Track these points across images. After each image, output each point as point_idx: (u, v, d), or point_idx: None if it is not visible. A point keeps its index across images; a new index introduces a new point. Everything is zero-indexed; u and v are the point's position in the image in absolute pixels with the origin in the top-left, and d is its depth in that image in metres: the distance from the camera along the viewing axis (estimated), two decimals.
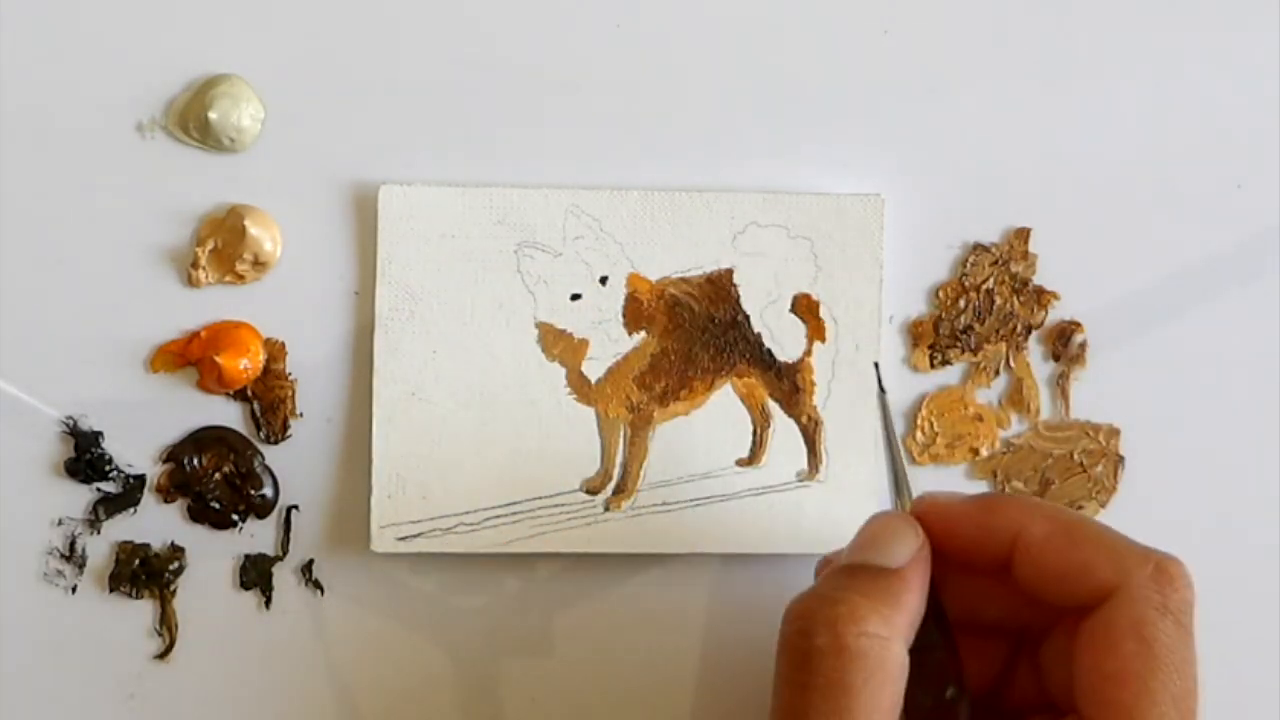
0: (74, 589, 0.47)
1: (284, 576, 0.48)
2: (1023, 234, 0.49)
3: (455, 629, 0.48)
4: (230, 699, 0.48)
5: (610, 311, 0.48)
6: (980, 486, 0.50)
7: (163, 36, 0.47)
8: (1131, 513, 0.50)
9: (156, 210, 0.47)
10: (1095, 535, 0.41)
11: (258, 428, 0.47)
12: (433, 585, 0.48)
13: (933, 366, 0.49)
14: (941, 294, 0.49)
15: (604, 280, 0.48)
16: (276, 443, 0.47)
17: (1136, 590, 0.40)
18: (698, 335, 0.48)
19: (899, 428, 0.49)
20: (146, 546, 0.47)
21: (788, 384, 0.48)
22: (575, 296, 0.48)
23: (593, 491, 0.48)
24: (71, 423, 0.47)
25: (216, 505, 0.47)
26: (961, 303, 0.49)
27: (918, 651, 0.40)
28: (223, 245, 0.47)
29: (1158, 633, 0.39)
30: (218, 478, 0.47)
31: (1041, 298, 0.49)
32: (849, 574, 0.41)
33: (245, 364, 0.47)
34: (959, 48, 0.49)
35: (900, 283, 0.49)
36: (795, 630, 0.39)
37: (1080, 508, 0.50)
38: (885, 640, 0.39)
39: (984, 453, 0.49)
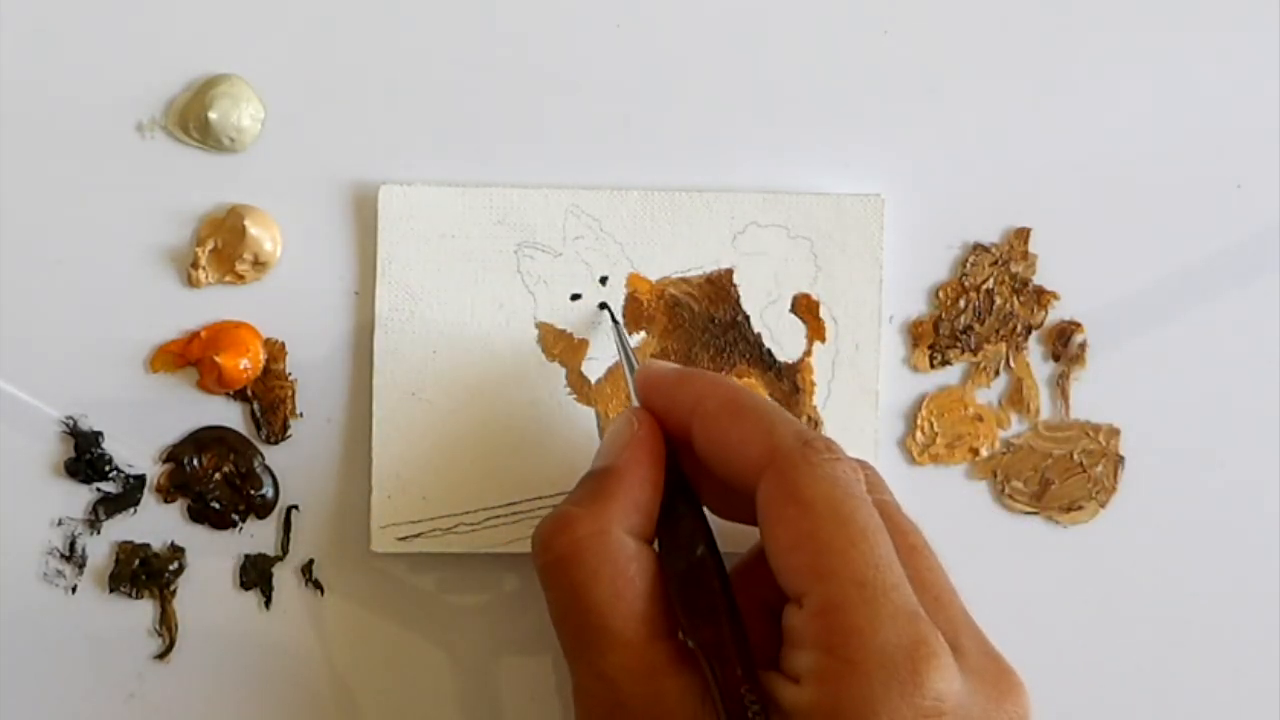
0: (74, 589, 0.47)
1: (284, 576, 0.48)
2: (1023, 234, 0.49)
3: (455, 629, 0.48)
4: (230, 699, 0.48)
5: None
6: (980, 486, 0.50)
7: (163, 36, 0.47)
8: (1131, 513, 0.50)
9: (156, 210, 0.47)
10: (755, 412, 0.41)
11: (258, 428, 0.47)
12: (433, 585, 0.48)
13: (933, 366, 0.49)
14: (941, 294, 0.49)
15: (604, 280, 0.48)
16: (276, 443, 0.47)
17: (785, 459, 0.40)
18: (698, 335, 0.48)
19: (899, 428, 0.49)
20: (146, 546, 0.47)
21: (788, 384, 0.48)
22: (575, 296, 0.48)
23: None
24: (71, 423, 0.47)
25: (216, 505, 0.47)
26: (961, 303, 0.49)
27: (664, 526, 0.42)
28: (223, 245, 0.47)
29: (815, 494, 0.39)
30: (218, 478, 0.47)
31: (1041, 298, 0.49)
32: (576, 487, 0.43)
33: (245, 364, 0.47)
34: (959, 48, 0.49)
35: (900, 283, 0.49)
36: (533, 555, 0.41)
37: (1080, 508, 0.50)
38: (600, 534, 0.40)
39: (984, 453, 0.49)
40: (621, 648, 0.40)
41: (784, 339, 0.48)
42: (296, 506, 0.48)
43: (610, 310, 0.47)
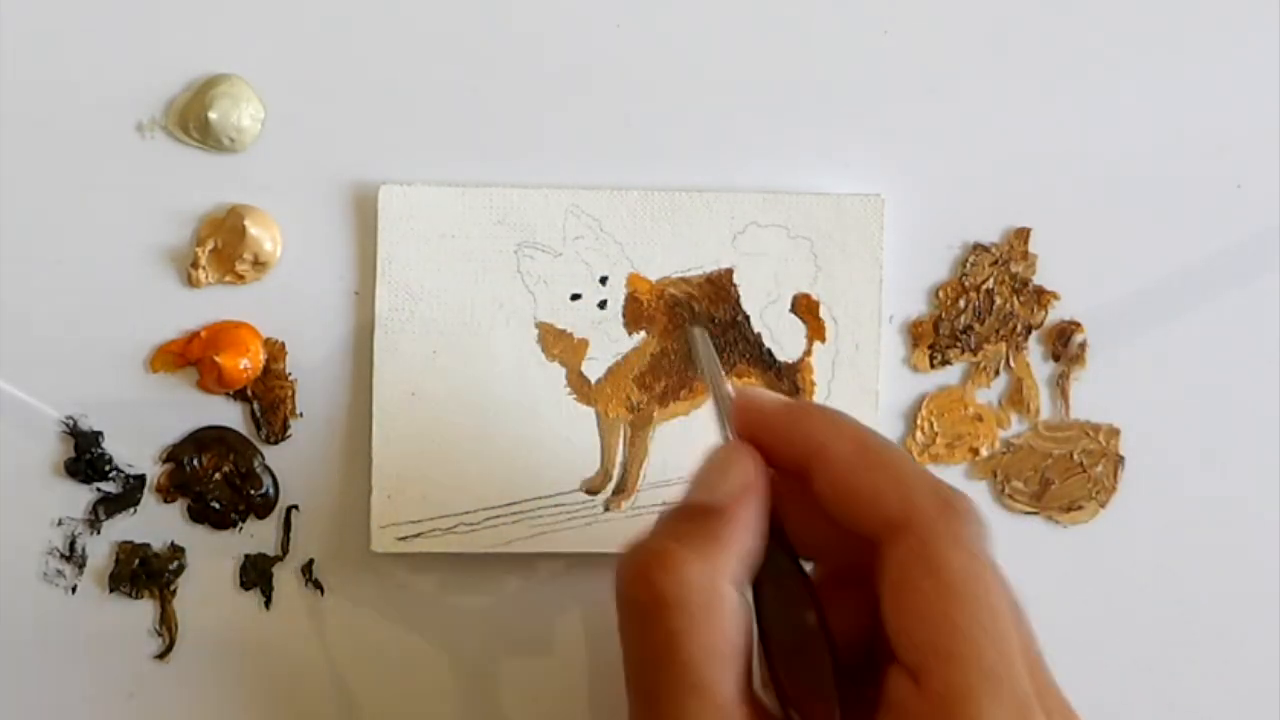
0: (74, 589, 0.47)
1: (284, 576, 0.48)
2: (1023, 234, 0.49)
3: (455, 629, 0.48)
4: (230, 699, 0.48)
5: (610, 311, 0.48)
6: (980, 486, 0.50)
7: (163, 36, 0.47)
8: (1131, 513, 0.50)
9: (156, 210, 0.47)
10: (888, 462, 0.39)
11: (258, 428, 0.47)
12: (433, 585, 0.48)
13: (933, 366, 0.49)
14: (941, 294, 0.49)
15: (604, 280, 0.48)
16: (276, 443, 0.48)
17: (923, 523, 0.37)
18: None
19: (899, 429, 0.49)
20: (147, 546, 0.47)
21: (788, 384, 0.48)
22: (575, 296, 0.48)
23: (593, 491, 0.48)
24: (71, 423, 0.47)
25: (217, 505, 0.47)
26: (961, 303, 0.49)
27: (768, 583, 0.39)
28: (223, 245, 0.47)
29: (956, 569, 0.37)
30: (218, 478, 0.47)
31: (1041, 298, 0.49)
32: (673, 518, 0.40)
33: (245, 364, 0.47)
34: (959, 48, 0.49)
35: (900, 283, 0.49)
36: (620, 584, 0.39)
37: (1080, 508, 0.50)
38: (709, 582, 0.38)
39: (984, 453, 0.49)
40: (705, 707, 0.37)
41: (784, 339, 0.48)
42: (296, 506, 0.48)
43: (701, 329, 0.45)
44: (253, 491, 0.47)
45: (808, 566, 0.40)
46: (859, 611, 0.39)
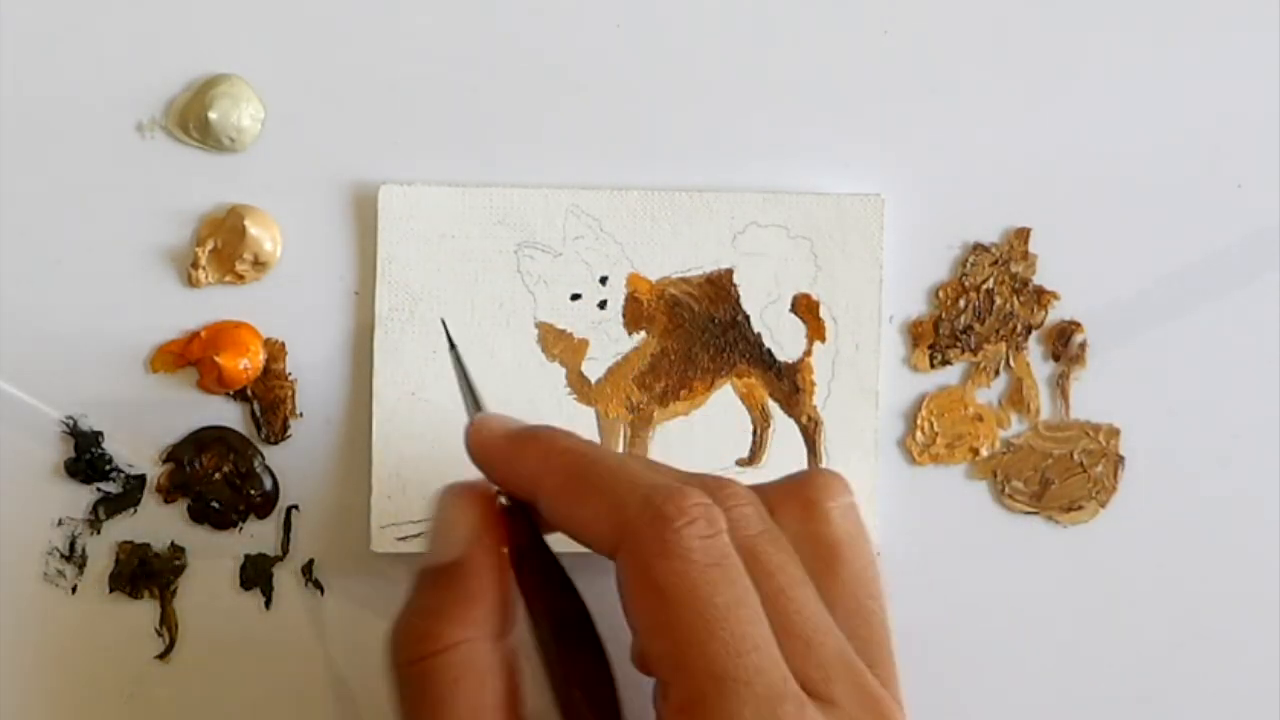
0: (74, 589, 0.47)
1: (284, 576, 0.48)
2: (1023, 234, 0.49)
3: None
4: (230, 699, 0.48)
5: (610, 311, 0.48)
6: (980, 486, 0.50)
7: (163, 36, 0.47)
8: (1131, 513, 0.50)
9: (156, 210, 0.47)
10: (597, 487, 0.38)
11: (258, 428, 0.47)
12: None
13: (933, 366, 0.49)
14: (941, 294, 0.49)
15: (604, 280, 0.48)
16: (276, 443, 0.47)
17: (632, 539, 0.37)
18: (698, 335, 0.48)
19: (899, 429, 0.49)
20: (147, 546, 0.47)
21: (788, 384, 0.48)
22: (575, 296, 0.48)
23: None
24: (71, 423, 0.47)
25: (217, 505, 0.47)
26: (961, 303, 0.49)
27: (530, 598, 0.39)
28: (223, 245, 0.47)
29: (669, 578, 0.36)
30: (218, 478, 0.47)
31: (1041, 298, 0.49)
32: (421, 581, 0.40)
33: (245, 364, 0.47)
34: (959, 48, 0.49)
35: (900, 283, 0.49)
36: (388, 653, 0.39)
37: (1080, 508, 0.50)
38: (462, 644, 0.38)
39: (984, 453, 0.49)
40: None
41: (784, 339, 0.48)
42: (296, 506, 0.48)
43: (450, 338, 0.44)
44: (253, 491, 0.47)
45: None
46: None
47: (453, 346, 0.44)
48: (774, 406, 0.48)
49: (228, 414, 0.47)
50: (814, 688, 0.37)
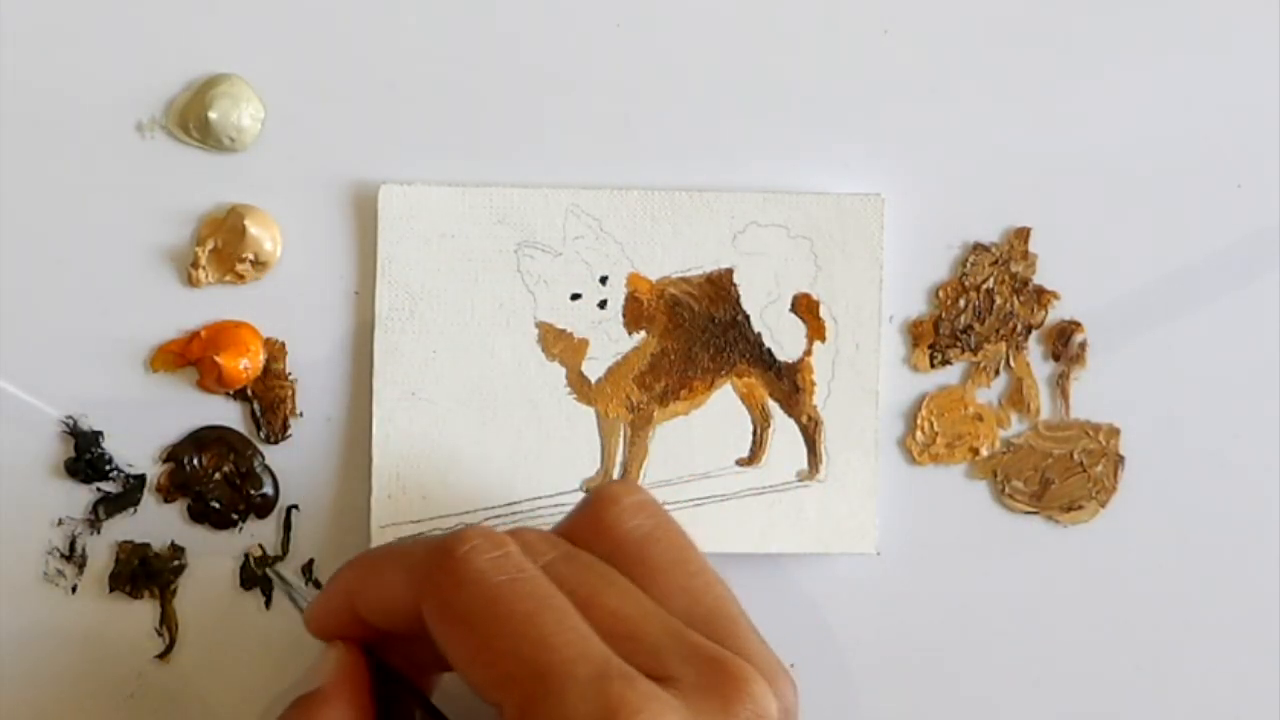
0: (74, 589, 0.47)
1: (284, 576, 0.48)
2: (1023, 234, 0.49)
3: None
4: (230, 699, 0.48)
5: (610, 311, 0.48)
6: (980, 486, 0.50)
7: (163, 36, 0.47)
8: (1131, 513, 0.50)
9: (156, 210, 0.47)
10: (388, 561, 0.40)
11: (258, 427, 0.47)
12: None
13: (933, 366, 0.49)
14: (941, 294, 0.49)
15: (604, 280, 0.48)
16: (276, 442, 0.47)
17: (427, 581, 0.39)
18: (698, 335, 0.48)
19: (899, 428, 0.49)
20: (147, 546, 0.47)
21: (788, 384, 0.48)
22: (575, 296, 0.48)
23: None
24: (71, 423, 0.47)
25: (217, 505, 0.47)
26: (961, 302, 0.49)
27: None
28: (223, 245, 0.47)
29: (466, 605, 0.37)
30: (218, 477, 0.47)
31: (1041, 298, 0.49)
32: (285, 713, 0.41)
33: (245, 364, 0.47)
34: (959, 48, 0.49)
35: (900, 283, 0.49)
36: None
37: (1080, 508, 0.50)
38: None
39: (984, 453, 0.49)
40: None
41: (784, 339, 0.48)
42: (296, 506, 0.48)
43: (279, 578, 0.47)
44: (253, 491, 0.47)
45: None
46: None
47: (281, 579, 0.47)
48: (774, 406, 0.48)
49: (228, 414, 0.47)
50: (651, 672, 0.37)
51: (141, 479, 0.47)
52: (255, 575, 0.48)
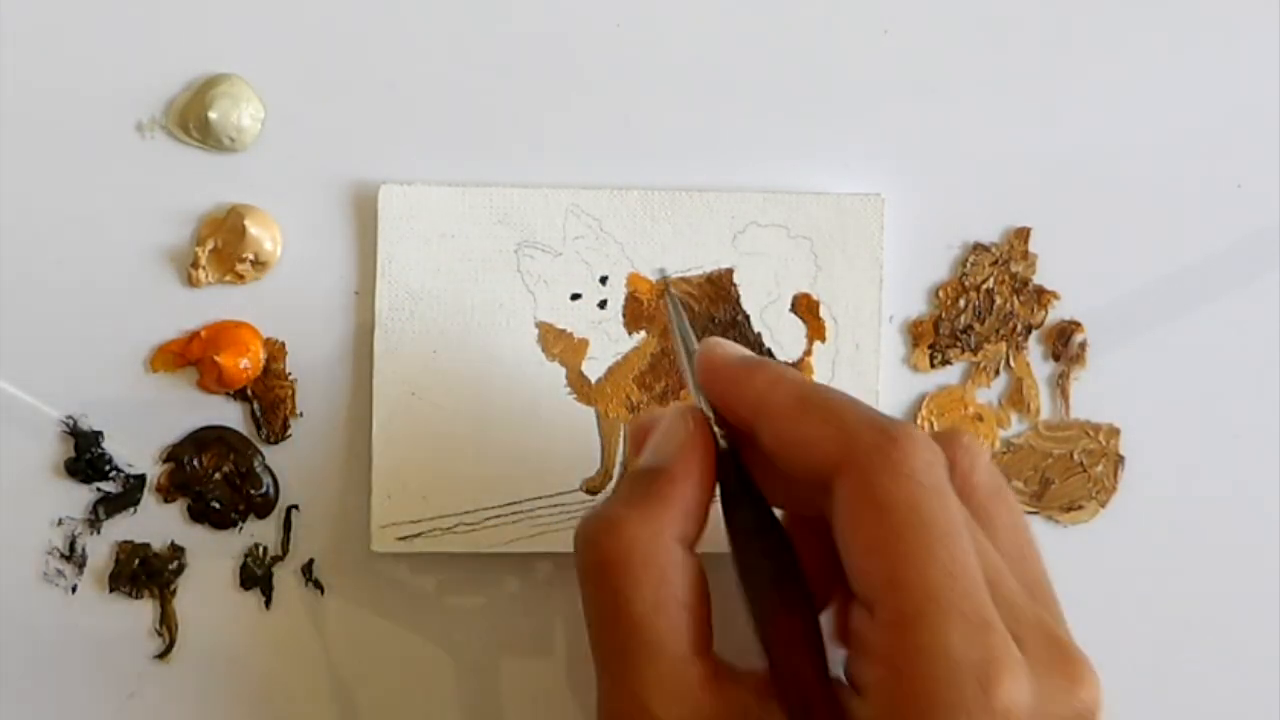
0: (74, 589, 0.47)
1: (284, 576, 0.48)
2: (1023, 234, 0.49)
3: (455, 629, 0.48)
4: (230, 699, 0.48)
5: (610, 311, 0.48)
6: None
7: (163, 36, 0.47)
8: (1131, 513, 0.50)
9: (156, 210, 0.47)
10: (825, 406, 0.39)
11: (258, 427, 0.47)
12: (433, 585, 0.48)
13: (933, 366, 0.49)
14: (941, 294, 0.49)
15: (604, 280, 0.48)
16: (276, 442, 0.48)
17: (861, 458, 0.38)
18: (698, 335, 0.48)
19: None
20: (147, 546, 0.47)
21: None
22: (575, 296, 0.48)
23: (593, 491, 0.48)
24: (71, 423, 0.47)
25: (217, 505, 0.47)
26: (961, 302, 0.49)
27: (731, 526, 0.40)
28: (223, 245, 0.47)
29: (896, 496, 0.37)
30: (218, 477, 0.47)
31: (1041, 297, 0.49)
32: (621, 484, 0.42)
33: (245, 364, 0.47)
34: (959, 48, 0.49)
35: (900, 283, 0.49)
36: (575, 552, 0.40)
37: (1080, 508, 0.50)
38: (650, 540, 0.39)
39: None
40: (657, 662, 0.38)
41: (784, 339, 0.48)
42: (297, 506, 0.48)
43: (670, 290, 0.46)
44: (253, 491, 0.47)
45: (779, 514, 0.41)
46: (827, 556, 0.39)
47: (673, 299, 0.45)
48: None
49: (228, 414, 0.47)
50: (1007, 628, 0.37)
51: (141, 479, 0.47)
52: (255, 575, 0.48)
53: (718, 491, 0.41)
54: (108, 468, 0.47)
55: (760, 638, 0.39)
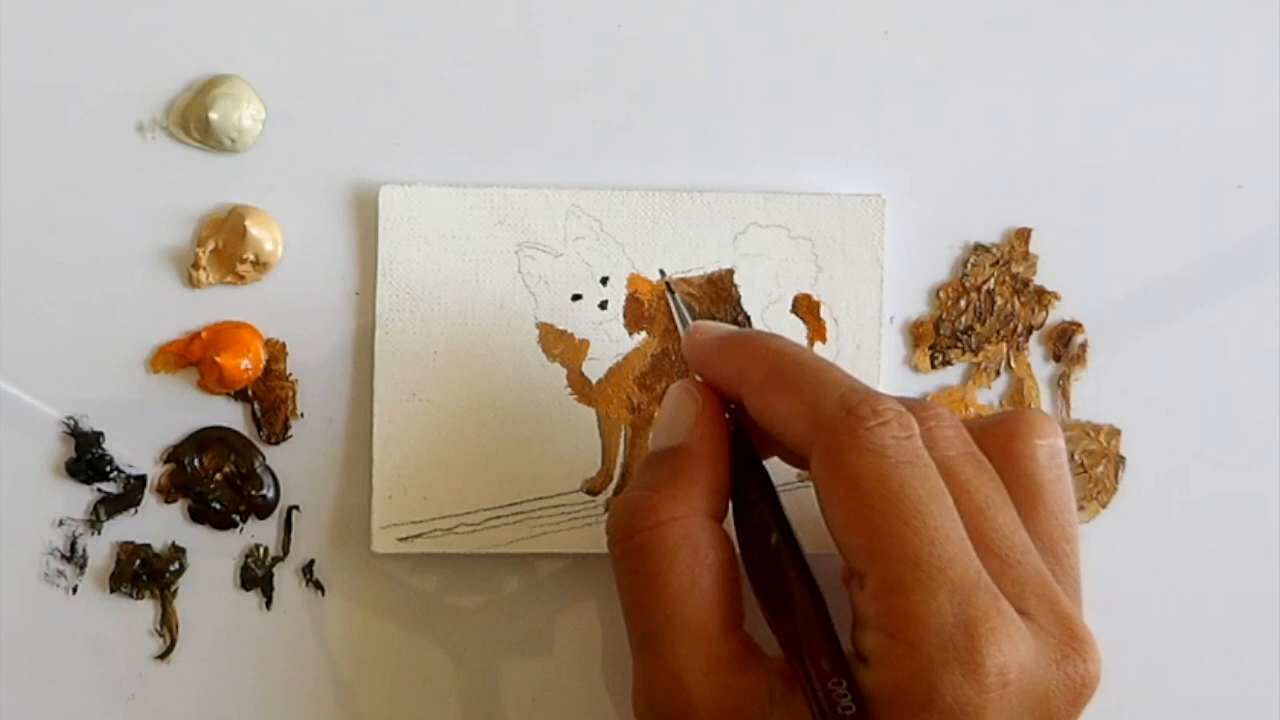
0: (75, 589, 0.47)
1: (285, 577, 0.48)
2: (1023, 234, 0.49)
3: (455, 629, 0.48)
4: (231, 699, 0.48)
5: (611, 312, 0.48)
6: None
7: (163, 36, 0.47)
8: (1131, 513, 0.50)
9: (157, 210, 0.47)
10: (796, 381, 0.40)
11: (259, 428, 0.47)
12: (433, 585, 0.48)
13: (933, 367, 0.49)
14: (942, 294, 0.49)
15: (605, 281, 0.48)
16: (277, 443, 0.47)
17: (828, 434, 0.39)
18: None
19: None
20: (147, 547, 0.47)
21: None
22: (576, 297, 0.48)
23: (593, 492, 0.48)
24: (72, 423, 0.47)
25: (217, 506, 0.47)
26: (962, 303, 0.49)
27: (740, 511, 0.41)
28: (223, 245, 0.47)
29: (862, 470, 0.38)
30: (219, 478, 0.47)
31: (1042, 298, 0.49)
32: (643, 468, 0.42)
33: (246, 364, 0.46)
34: (959, 48, 0.49)
35: (901, 283, 0.49)
36: (608, 539, 0.41)
37: (1080, 508, 0.50)
38: (680, 519, 0.40)
39: None
40: (692, 639, 0.39)
41: None
42: (297, 507, 0.48)
43: (670, 287, 0.47)
44: (253, 492, 0.47)
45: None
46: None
47: (669, 289, 0.47)
48: None
49: (228, 414, 0.47)
50: (1010, 600, 0.38)
51: (142, 480, 0.47)
52: (256, 576, 0.48)
53: None
54: (108, 468, 0.47)
55: (768, 616, 0.40)
